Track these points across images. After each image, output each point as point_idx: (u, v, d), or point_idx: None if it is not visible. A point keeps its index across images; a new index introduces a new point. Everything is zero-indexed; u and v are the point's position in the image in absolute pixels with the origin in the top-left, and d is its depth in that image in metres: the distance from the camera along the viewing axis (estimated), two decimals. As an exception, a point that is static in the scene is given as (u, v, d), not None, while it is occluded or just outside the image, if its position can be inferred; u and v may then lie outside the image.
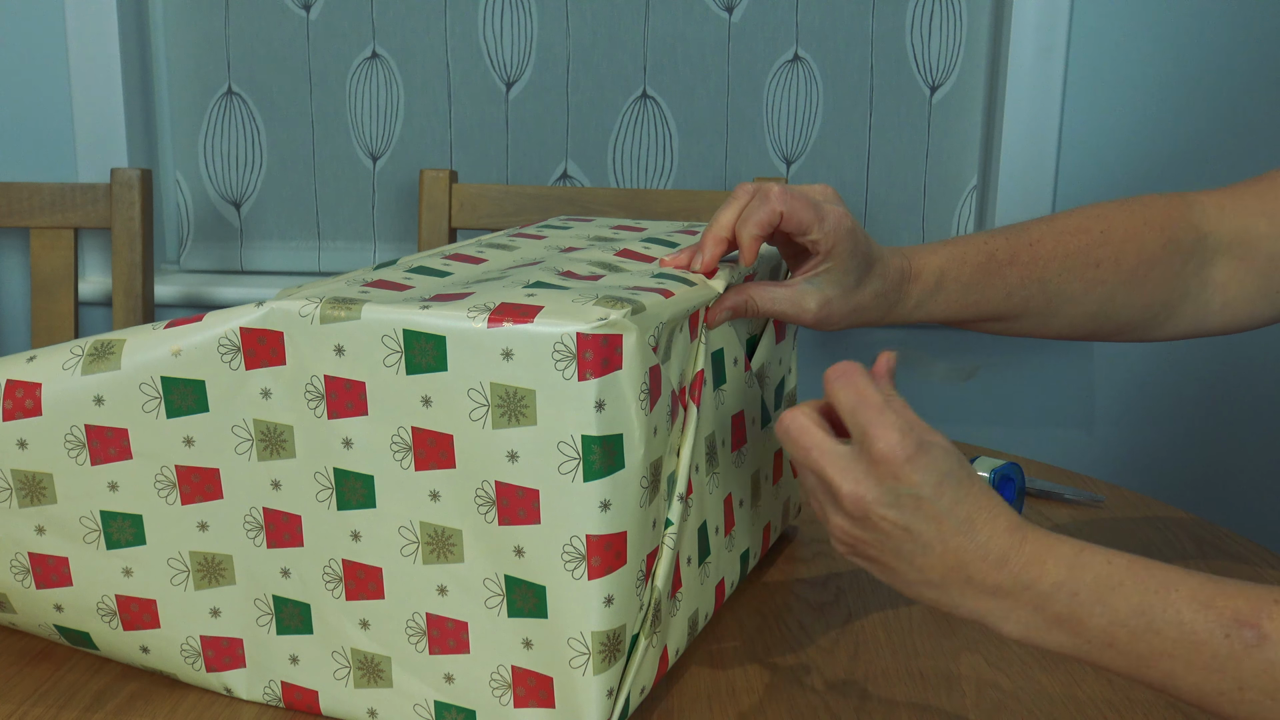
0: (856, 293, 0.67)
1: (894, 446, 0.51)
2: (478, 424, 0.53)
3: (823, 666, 0.65)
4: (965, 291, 0.71)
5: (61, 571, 0.61)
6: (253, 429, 0.57)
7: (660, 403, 0.56)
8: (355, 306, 0.54)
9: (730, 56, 1.56)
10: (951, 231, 1.61)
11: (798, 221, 0.64)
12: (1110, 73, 1.51)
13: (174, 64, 1.59)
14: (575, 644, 0.54)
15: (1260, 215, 0.73)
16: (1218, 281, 0.74)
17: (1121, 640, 0.51)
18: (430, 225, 1.35)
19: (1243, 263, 0.73)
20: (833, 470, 0.52)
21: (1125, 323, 0.74)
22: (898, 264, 0.69)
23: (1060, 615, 0.52)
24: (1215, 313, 0.74)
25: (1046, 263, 0.72)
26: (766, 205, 0.63)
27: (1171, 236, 0.73)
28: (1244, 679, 0.50)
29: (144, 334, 0.58)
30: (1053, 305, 0.72)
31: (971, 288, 0.71)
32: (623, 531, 0.53)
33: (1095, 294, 0.72)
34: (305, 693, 0.60)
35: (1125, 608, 0.51)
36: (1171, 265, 0.73)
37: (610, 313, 0.52)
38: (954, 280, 0.70)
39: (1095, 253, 0.72)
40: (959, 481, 0.52)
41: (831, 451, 0.52)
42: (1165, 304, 0.73)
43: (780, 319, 0.66)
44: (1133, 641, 0.51)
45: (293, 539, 0.58)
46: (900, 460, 0.51)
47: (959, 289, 0.70)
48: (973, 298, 0.71)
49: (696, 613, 0.64)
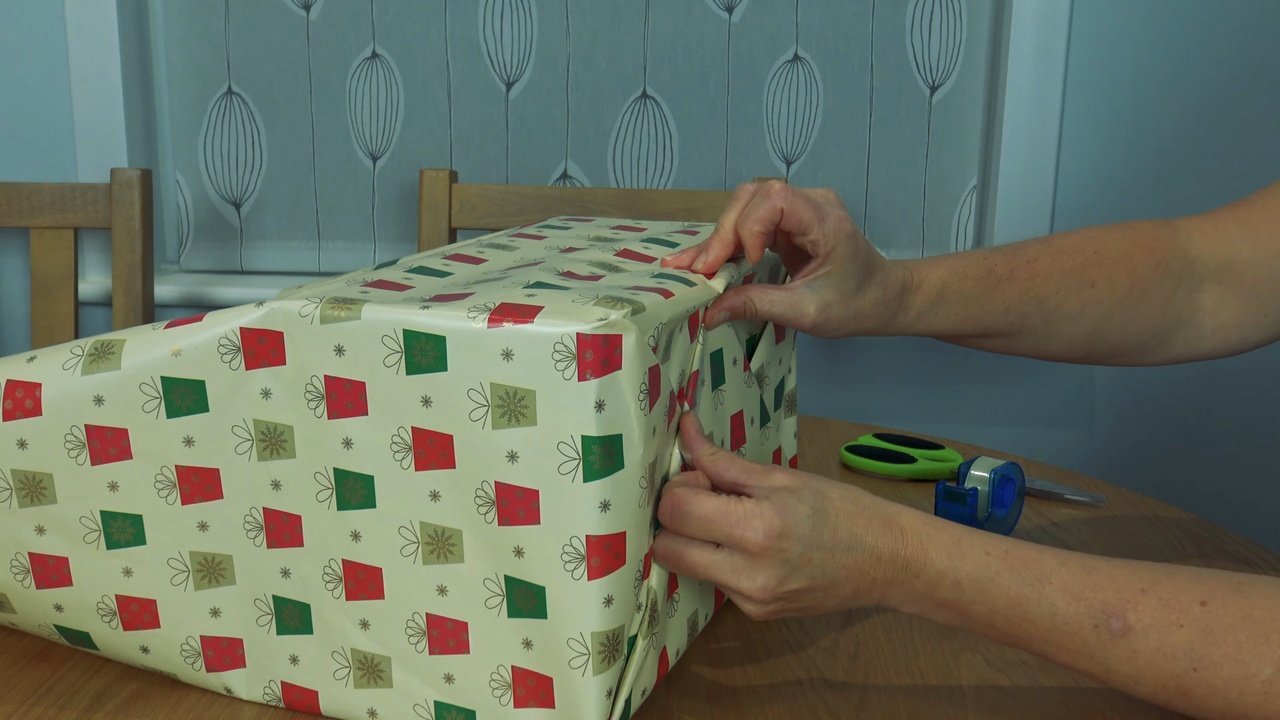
0: (856, 299, 0.67)
1: (761, 535, 0.55)
2: (477, 424, 0.53)
3: (823, 666, 0.65)
4: (965, 305, 0.71)
5: (61, 571, 0.61)
6: (253, 429, 0.57)
7: (659, 403, 0.56)
8: (355, 306, 0.54)
9: (730, 56, 1.56)
10: (951, 231, 1.61)
11: (798, 219, 0.64)
12: (1110, 73, 1.51)
13: (174, 64, 1.59)
14: (575, 644, 0.54)
15: (1242, 240, 0.74)
16: (1207, 307, 0.75)
17: (1000, 626, 0.57)
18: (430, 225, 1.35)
19: (1229, 288, 0.74)
20: (730, 579, 0.56)
21: (1120, 345, 0.75)
22: (899, 274, 0.69)
23: (946, 600, 0.57)
24: (1207, 338, 0.75)
25: (1044, 280, 0.73)
26: (768, 201, 0.64)
27: (1160, 259, 0.74)
28: (1110, 665, 0.56)
29: (144, 334, 0.58)
30: (1050, 324, 0.73)
31: (972, 301, 0.72)
32: (622, 532, 0.53)
33: (1091, 314, 0.73)
34: (305, 693, 0.60)
35: (1003, 599, 0.56)
36: (1163, 290, 0.74)
37: (610, 313, 0.52)
38: (955, 293, 0.71)
39: (1090, 272, 0.73)
40: (825, 513, 0.57)
41: (721, 564, 0.56)
42: (1159, 329, 0.75)
43: (778, 322, 0.66)
44: (1010, 628, 0.57)
45: (293, 539, 0.58)
46: (775, 540, 0.55)
47: (960, 302, 0.71)
48: (973, 311, 0.72)
49: (696, 613, 0.64)
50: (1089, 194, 1.55)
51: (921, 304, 0.70)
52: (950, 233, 1.60)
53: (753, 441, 0.71)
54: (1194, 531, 0.86)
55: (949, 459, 0.96)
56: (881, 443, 1.00)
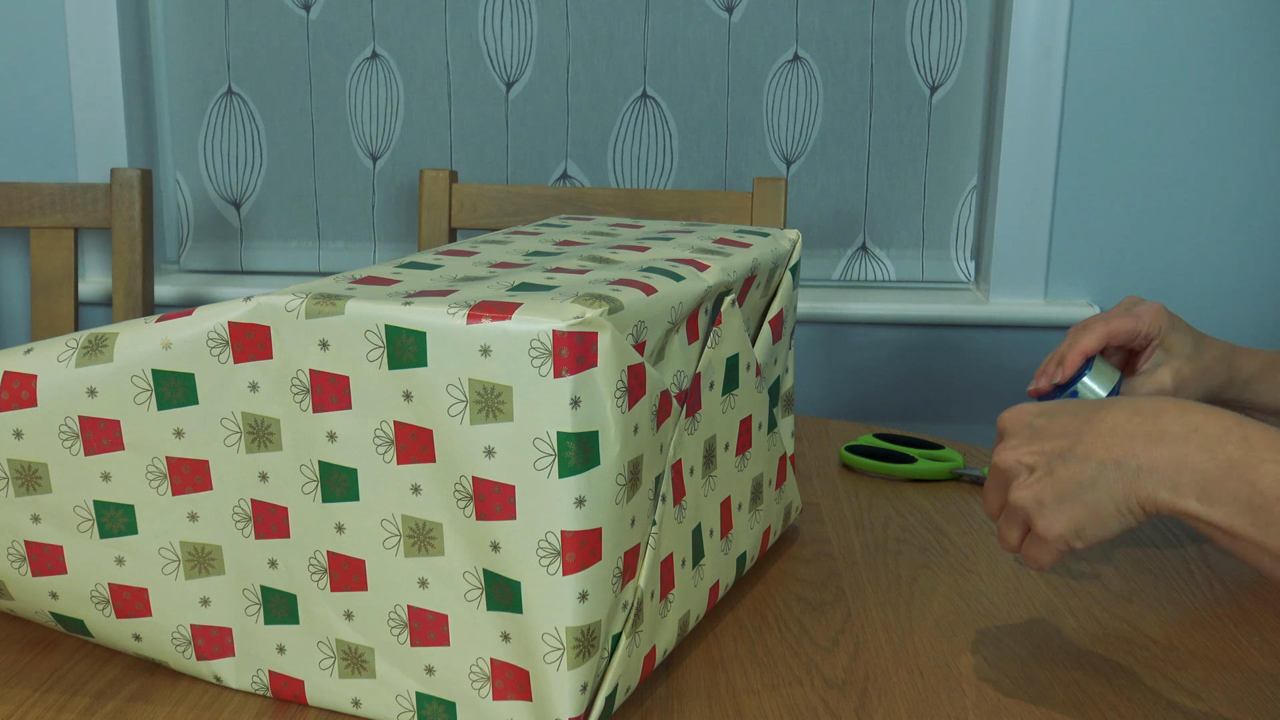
0: (1199, 357, 0.80)
1: (1006, 415, 0.60)
2: (456, 419, 0.54)
3: (823, 666, 0.65)
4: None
5: (56, 559, 0.62)
6: (241, 421, 0.58)
7: (643, 402, 0.56)
8: (339, 302, 0.55)
9: (730, 56, 1.57)
10: (951, 231, 1.61)
11: (1126, 333, 0.80)
12: (1110, 73, 1.51)
13: (174, 64, 1.60)
14: (550, 639, 0.54)
15: None
16: None
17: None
18: (430, 225, 1.36)
19: None
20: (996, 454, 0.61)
21: None
22: (1222, 346, 0.82)
23: (1232, 460, 0.51)
24: None
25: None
26: (1094, 329, 0.80)
27: None
28: None
29: (136, 328, 0.59)
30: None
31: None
32: (597, 528, 0.54)
33: None
34: (292, 682, 0.61)
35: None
36: None
37: (587, 310, 0.53)
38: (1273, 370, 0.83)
39: None
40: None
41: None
42: None
43: None
44: None
45: (280, 530, 0.59)
46: (1016, 413, 0.60)
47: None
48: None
49: (688, 614, 0.65)
50: (1089, 195, 1.55)
51: (1249, 370, 0.81)
52: (950, 233, 1.61)
53: (757, 446, 0.72)
54: (1194, 531, 0.86)
55: (949, 459, 0.96)
56: (881, 443, 1.01)
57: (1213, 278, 1.56)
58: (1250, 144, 1.52)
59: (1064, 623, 0.71)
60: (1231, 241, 1.55)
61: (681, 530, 0.63)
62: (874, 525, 0.85)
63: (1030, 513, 0.58)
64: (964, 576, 0.77)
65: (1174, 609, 0.73)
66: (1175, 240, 1.55)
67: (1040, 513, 0.57)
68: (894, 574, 0.77)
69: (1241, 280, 1.56)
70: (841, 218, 1.61)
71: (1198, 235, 1.55)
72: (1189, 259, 1.56)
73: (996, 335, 1.59)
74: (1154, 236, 1.55)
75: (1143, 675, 0.65)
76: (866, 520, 0.86)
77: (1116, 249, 1.56)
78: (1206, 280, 1.56)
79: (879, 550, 0.81)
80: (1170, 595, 0.75)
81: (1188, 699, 0.63)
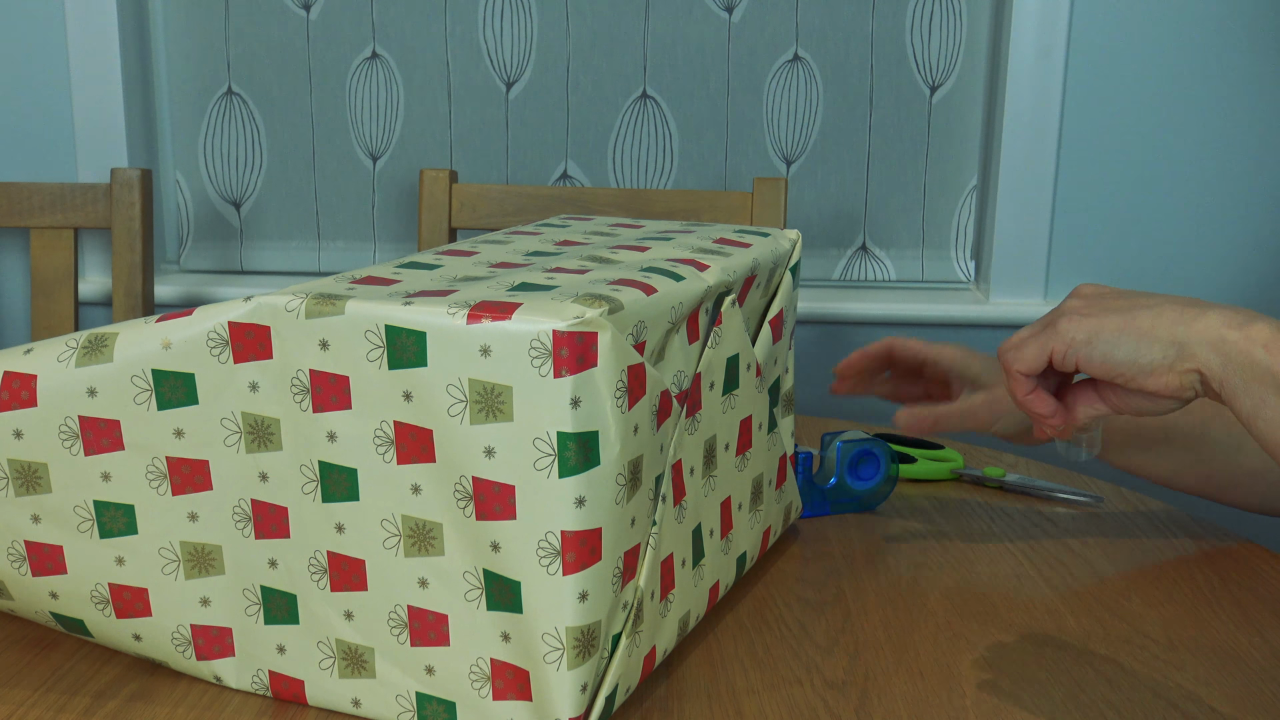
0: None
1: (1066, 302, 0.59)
2: (456, 419, 0.54)
3: (823, 667, 0.65)
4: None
5: (56, 559, 0.62)
6: (241, 421, 0.58)
7: (643, 402, 0.56)
8: (339, 302, 0.55)
9: (730, 56, 1.57)
10: (951, 231, 1.61)
11: (911, 351, 0.86)
12: (1110, 73, 1.51)
13: (174, 64, 1.60)
14: (549, 639, 0.54)
15: None
16: None
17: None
18: (430, 225, 1.36)
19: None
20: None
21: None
22: None
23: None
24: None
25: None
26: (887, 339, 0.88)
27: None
28: None
29: (136, 328, 0.59)
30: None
31: None
32: (597, 528, 0.54)
33: None
34: (292, 682, 0.61)
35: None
36: None
37: (587, 310, 0.53)
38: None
39: None
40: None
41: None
42: None
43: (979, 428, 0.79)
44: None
45: (280, 530, 0.59)
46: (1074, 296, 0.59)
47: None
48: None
49: (688, 614, 0.65)
50: (1089, 194, 1.55)
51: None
52: (950, 233, 1.61)
53: (758, 446, 0.72)
54: (1193, 531, 0.86)
55: (949, 459, 0.96)
56: None
57: (1212, 278, 1.56)
58: (1250, 144, 1.52)
59: (1064, 623, 0.71)
60: (1231, 242, 1.55)
61: (682, 530, 0.63)
62: (874, 525, 0.85)
63: (1065, 312, 0.55)
64: (964, 576, 0.77)
65: (1174, 608, 0.73)
66: (1174, 240, 1.55)
67: (1072, 314, 0.55)
68: (894, 574, 0.77)
69: (1241, 280, 1.56)
70: (841, 218, 1.61)
71: (1197, 235, 1.55)
72: (1188, 259, 1.56)
73: (996, 335, 1.59)
74: (1153, 236, 1.55)
75: (1142, 675, 0.65)
76: (866, 520, 0.86)
77: (1116, 249, 1.56)
78: (1206, 280, 1.56)
79: (879, 550, 0.81)
80: (1170, 594, 0.75)
81: (1188, 699, 0.63)
